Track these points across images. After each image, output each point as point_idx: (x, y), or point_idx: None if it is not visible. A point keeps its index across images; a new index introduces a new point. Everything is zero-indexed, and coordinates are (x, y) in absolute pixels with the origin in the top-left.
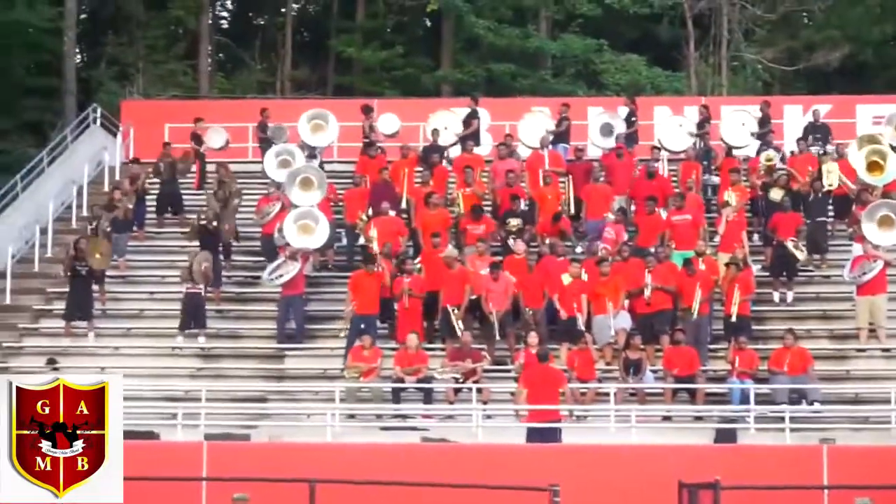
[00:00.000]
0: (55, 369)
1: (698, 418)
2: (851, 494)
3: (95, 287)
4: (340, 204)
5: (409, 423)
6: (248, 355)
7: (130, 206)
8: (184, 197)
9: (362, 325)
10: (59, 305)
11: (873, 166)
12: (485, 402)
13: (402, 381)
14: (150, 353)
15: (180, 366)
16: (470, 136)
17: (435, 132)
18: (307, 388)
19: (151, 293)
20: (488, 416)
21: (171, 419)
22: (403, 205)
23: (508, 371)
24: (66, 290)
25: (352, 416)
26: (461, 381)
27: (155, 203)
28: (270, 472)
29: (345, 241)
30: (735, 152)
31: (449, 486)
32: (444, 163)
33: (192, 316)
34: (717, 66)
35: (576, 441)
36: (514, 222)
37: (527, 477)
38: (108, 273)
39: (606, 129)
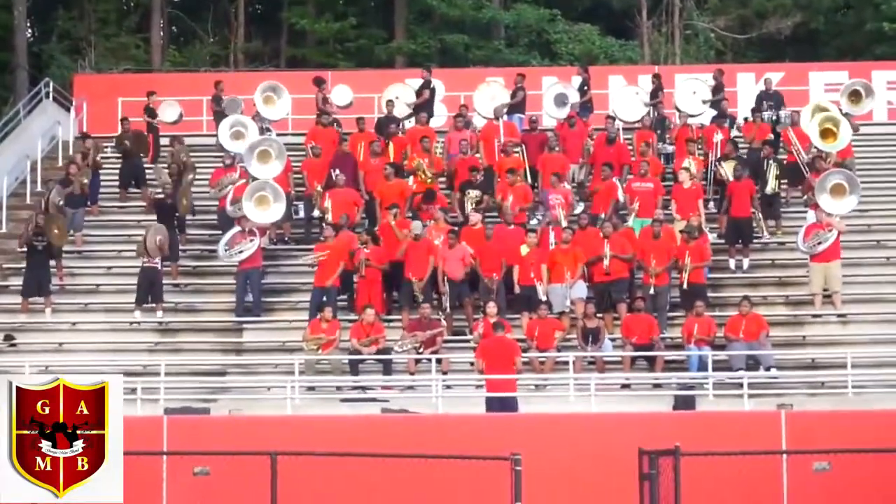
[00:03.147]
0: (12, 345)
1: (657, 385)
2: (810, 459)
3: (52, 262)
4: (300, 175)
5: (369, 395)
6: (207, 329)
7: (86, 181)
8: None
9: (323, 298)
10: (16, 281)
11: (826, 133)
12: (444, 373)
13: (359, 353)
14: (107, 328)
15: (138, 340)
16: (422, 107)
17: (389, 103)
18: (266, 361)
19: (108, 268)
20: (448, 387)
21: (130, 394)
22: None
23: (468, 341)
24: (22, 265)
25: (311, 389)
26: (420, 350)
27: (118, 177)
28: (231, 445)
29: (302, 214)
30: (689, 120)
31: (410, 457)
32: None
33: (149, 290)
34: (669, 35)
35: (536, 410)
36: (473, 194)
37: (488, 446)
38: (64, 248)
39: (560, 100)
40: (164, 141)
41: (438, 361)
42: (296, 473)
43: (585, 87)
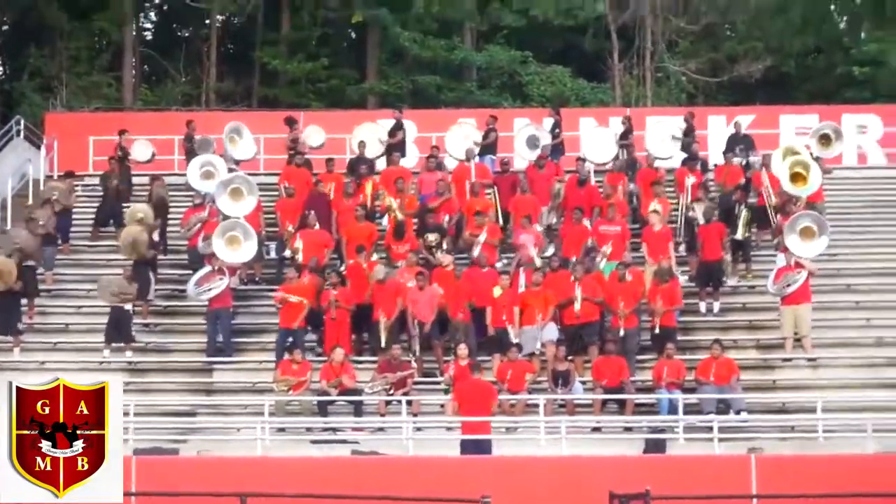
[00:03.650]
0: None
1: (628, 429)
2: (780, 503)
3: (25, 301)
4: (272, 215)
5: (340, 437)
6: (177, 369)
7: (43, 223)
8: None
9: (289, 339)
10: None
11: (797, 177)
12: (415, 415)
13: (328, 394)
14: (77, 367)
15: (108, 380)
16: (395, 148)
17: (361, 144)
18: (236, 402)
19: (79, 307)
20: (418, 429)
21: None
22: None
23: (438, 383)
24: None
25: (282, 430)
26: (391, 392)
27: (94, 215)
28: (200, 486)
29: (273, 254)
30: (657, 163)
31: (380, 499)
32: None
33: (117, 330)
34: (641, 78)
35: (506, 453)
36: (432, 237)
37: (458, 489)
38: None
39: (532, 142)
40: (136, 180)
41: (409, 403)
42: None
43: (557, 129)
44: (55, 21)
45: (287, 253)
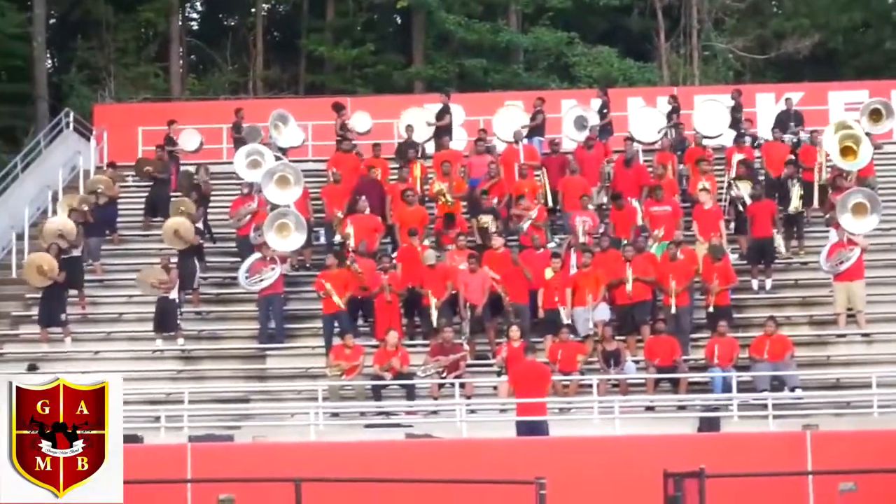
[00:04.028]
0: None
1: (681, 407)
2: (836, 479)
3: (74, 292)
4: (320, 201)
5: (393, 420)
6: (229, 356)
7: (86, 208)
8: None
9: (335, 324)
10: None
11: (847, 151)
12: (468, 397)
13: (380, 378)
14: (130, 356)
15: (161, 368)
16: (444, 131)
17: (409, 128)
18: (290, 388)
19: (129, 297)
20: (472, 411)
21: (154, 422)
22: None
23: (491, 365)
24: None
25: (335, 415)
26: (443, 375)
27: (144, 205)
28: (255, 472)
29: (323, 240)
30: (705, 141)
31: (435, 482)
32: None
33: (163, 319)
34: (688, 57)
35: (560, 433)
36: (485, 219)
37: (512, 470)
38: (86, 278)
39: (580, 122)
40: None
41: (462, 386)
42: (320, 500)
43: (605, 110)
44: (101, 13)
45: (337, 238)
